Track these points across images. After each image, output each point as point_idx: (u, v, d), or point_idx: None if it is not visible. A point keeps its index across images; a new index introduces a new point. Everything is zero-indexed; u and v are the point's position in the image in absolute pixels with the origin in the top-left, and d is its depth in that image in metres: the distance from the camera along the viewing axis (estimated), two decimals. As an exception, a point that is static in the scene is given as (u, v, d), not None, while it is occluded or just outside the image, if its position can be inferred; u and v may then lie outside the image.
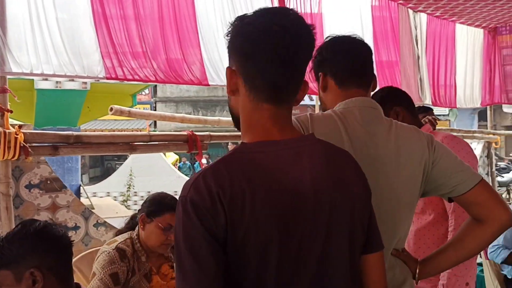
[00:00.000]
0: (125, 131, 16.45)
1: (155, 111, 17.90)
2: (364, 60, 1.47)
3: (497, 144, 5.58)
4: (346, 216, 1.06)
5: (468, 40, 5.09)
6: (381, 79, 4.10)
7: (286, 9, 1.12)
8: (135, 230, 2.22)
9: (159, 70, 2.73)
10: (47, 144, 2.32)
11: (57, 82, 5.31)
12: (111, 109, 2.68)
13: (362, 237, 1.11)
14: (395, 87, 2.33)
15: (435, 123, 2.62)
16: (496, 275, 3.30)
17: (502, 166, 13.14)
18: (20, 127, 2.22)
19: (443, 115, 15.34)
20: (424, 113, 2.75)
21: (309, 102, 8.01)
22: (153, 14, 2.74)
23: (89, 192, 7.66)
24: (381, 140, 1.36)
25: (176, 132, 2.90)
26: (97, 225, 2.72)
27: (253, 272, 0.96)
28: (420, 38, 4.54)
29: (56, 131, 2.39)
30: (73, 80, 4.89)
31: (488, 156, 5.59)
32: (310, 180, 1.02)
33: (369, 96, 1.48)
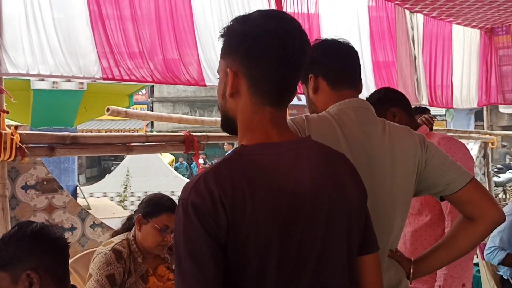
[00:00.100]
0: (122, 131, 16.45)
1: (152, 111, 17.89)
2: (354, 61, 1.48)
3: (493, 145, 5.58)
4: (344, 217, 1.08)
5: (465, 41, 5.10)
6: (378, 79, 4.10)
7: (284, 13, 1.13)
8: (132, 231, 2.22)
9: (156, 71, 2.72)
10: (44, 145, 2.31)
11: (53, 82, 5.29)
12: (108, 109, 2.66)
13: (358, 239, 1.12)
14: (392, 88, 2.34)
15: (431, 121, 2.62)
16: (493, 275, 3.31)
17: (499, 166, 13.19)
18: (16, 127, 2.20)
19: (439, 115, 15.38)
20: (420, 114, 2.75)
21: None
22: (150, 14, 2.73)
23: (86, 193, 7.64)
24: (377, 140, 1.36)
25: (173, 133, 2.89)
26: (93, 226, 2.71)
27: (253, 273, 0.97)
28: (417, 39, 4.54)
29: (53, 132, 2.38)
30: (69, 80, 4.86)
31: (485, 156, 5.60)
32: (309, 181, 1.03)
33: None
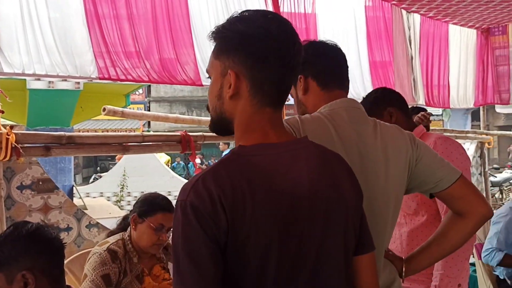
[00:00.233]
0: (119, 131, 16.42)
1: (149, 111, 17.87)
2: (343, 62, 1.49)
3: (490, 145, 5.60)
4: (341, 217, 1.08)
5: (461, 41, 5.11)
6: (375, 79, 4.11)
7: (277, 14, 1.14)
8: (127, 231, 2.21)
9: (152, 70, 2.71)
10: (39, 145, 2.30)
11: (49, 82, 5.28)
12: (104, 109, 2.65)
13: (354, 239, 1.12)
14: (389, 88, 2.34)
15: (428, 117, 2.62)
16: (489, 275, 3.32)
17: (495, 166, 13.23)
18: (12, 127, 2.19)
19: (436, 115, 15.44)
20: (417, 114, 2.75)
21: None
22: (146, 13, 2.72)
23: (82, 193, 7.62)
24: (369, 139, 1.37)
25: (170, 132, 2.88)
26: (89, 226, 2.70)
27: (253, 273, 0.97)
28: (414, 39, 4.55)
29: (48, 132, 2.37)
30: (65, 80, 4.86)
31: (481, 156, 5.61)
32: (307, 182, 1.04)
33: None
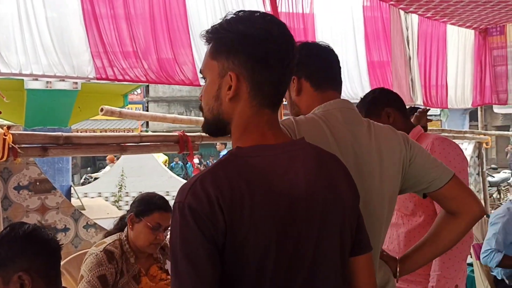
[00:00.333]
0: (117, 131, 16.38)
1: (147, 111, 17.86)
2: (336, 63, 1.49)
3: (487, 145, 5.60)
4: (337, 218, 1.08)
5: (459, 41, 5.12)
6: (373, 79, 4.11)
7: (273, 15, 1.14)
8: (124, 231, 2.21)
9: (150, 70, 2.71)
10: (36, 145, 2.29)
11: (47, 82, 5.26)
12: (102, 109, 2.65)
13: (351, 240, 1.12)
14: (387, 88, 2.34)
15: (425, 112, 2.62)
16: (486, 275, 3.32)
17: (493, 166, 13.25)
18: (9, 128, 2.19)
19: (434, 115, 15.44)
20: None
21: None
22: (144, 13, 2.71)
23: (80, 193, 7.61)
24: (364, 140, 1.37)
25: (167, 133, 2.88)
26: (87, 226, 2.69)
27: (251, 274, 0.97)
28: (412, 39, 4.55)
29: (46, 132, 2.36)
30: (63, 80, 4.85)
31: (479, 156, 5.62)
32: (304, 183, 1.04)
33: None
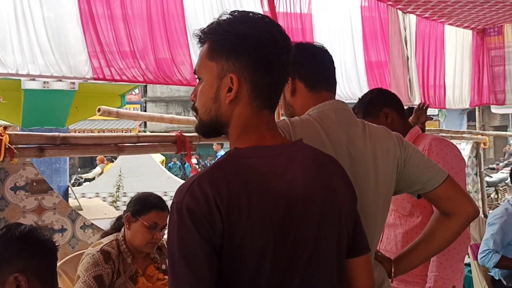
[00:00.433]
0: (115, 131, 16.38)
1: (145, 111, 17.84)
2: (330, 64, 1.49)
3: (485, 145, 5.61)
4: (335, 220, 1.08)
5: (457, 41, 5.13)
6: (371, 79, 4.11)
7: (268, 16, 1.15)
8: (121, 232, 2.21)
9: (148, 71, 2.70)
10: (33, 146, 2.28)
11: (44, 82, 5.25)
12: (99, 109, 2.64)
13: (348, 241, 1.12)
14: (385, 88, 2.34)
15: (425, 107, 2.63)
16: (484, 275, 3.33)
17: (491, 166, 13.26)
18: (5, 128, 2.18)
19: (432, 115, 15.47)
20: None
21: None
22: (141, 13, 2.71)
23: (77, 193, 7.60)
24: (359, 141, 1.37)
25: (165, 133, 2.87)
26: (84, 227, 2.68)
27: (248, 274, 0.97)
28: (410, 39, 4.55)
29: (42, 133, 2.35)
30: (60, 80, 4.84)
31: (477, 156, 5.62)
32: (302, 184, 1.03)
33: None
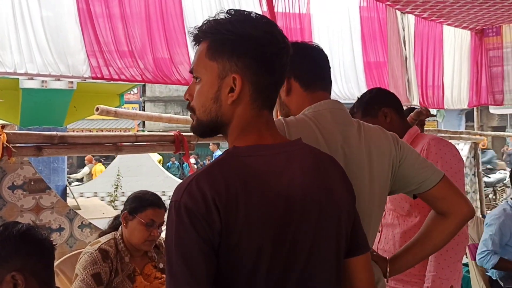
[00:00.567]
0: (113, 130, 16.36)
1: (143, 110, 17.83)
2: (325, 63, 1.49)
3: (484, 145, 5.62)
4: (333, 219, 1.08)
5: (456, 42, 5.13)
6: (369, 79, 4.12)
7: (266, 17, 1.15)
8: (119, 230, 2.21)
9: (146, 70, 2.70)
10: (31, 145, 2.28)
11: (42, 81, 5.25)
12: (97, 109, 2.63)
13: (346, 241, 1.12)
14: (383, 88, 2.34)
15: (427, 114, 2.63)
16: (482, 276, 3.33)
17: (489, 166, 13.26)
18: (3, 127, 2.17)
19: (431, 115, 15.51)
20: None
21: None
22: (139, 13, 2.71)
23: (76, 192, 7.59)
24: (354, 141, 1.37)
25: (163, 133, 2.87)
26: (81, 226, 2.68)
27: (245, 274, 0.97)
28: (408, 39, 4.56)
29: (40, 132, 2.35)
30: (59, 80, 4.83)
31: (475, 157, 5.63)
32: (301, 184, 1.03)
33: None
